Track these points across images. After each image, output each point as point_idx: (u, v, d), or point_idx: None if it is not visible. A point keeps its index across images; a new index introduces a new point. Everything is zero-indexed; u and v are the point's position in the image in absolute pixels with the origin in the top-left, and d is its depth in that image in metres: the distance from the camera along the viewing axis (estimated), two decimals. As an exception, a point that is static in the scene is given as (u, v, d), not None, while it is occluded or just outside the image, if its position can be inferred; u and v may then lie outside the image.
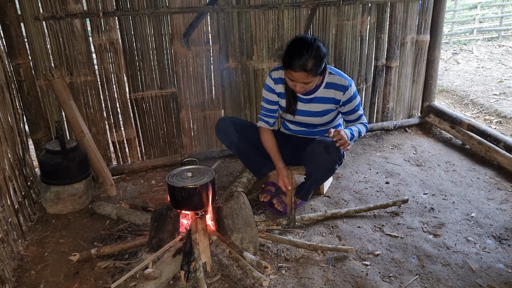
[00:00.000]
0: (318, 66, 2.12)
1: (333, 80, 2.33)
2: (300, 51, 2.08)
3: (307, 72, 2.10)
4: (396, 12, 3.36)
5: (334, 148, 2.20)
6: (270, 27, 3.06)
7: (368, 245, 2.25)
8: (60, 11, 2.57)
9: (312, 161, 2.30)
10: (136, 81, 2.91)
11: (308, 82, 2.16)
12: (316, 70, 2.12)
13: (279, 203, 2.51)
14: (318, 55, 2.11)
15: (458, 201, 2.66)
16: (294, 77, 2.14)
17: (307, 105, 2.40)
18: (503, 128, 3.93)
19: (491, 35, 7.84)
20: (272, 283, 1.96)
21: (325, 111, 2.40)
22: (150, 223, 2.11)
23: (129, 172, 3.08)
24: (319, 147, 2.25)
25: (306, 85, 2.18)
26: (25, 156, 2.64)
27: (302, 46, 2.09)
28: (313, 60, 2.09)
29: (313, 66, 2.09)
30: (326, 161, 2.26)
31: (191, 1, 2.82)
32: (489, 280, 2.01)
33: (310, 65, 2.08)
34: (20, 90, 2.62)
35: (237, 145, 2.53)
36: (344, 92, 2.32)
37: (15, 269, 2.09)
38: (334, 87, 2.33)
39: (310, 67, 2.09)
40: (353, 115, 2.42)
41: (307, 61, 2.07)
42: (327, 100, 2.36)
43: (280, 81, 2.39)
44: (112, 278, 2.02)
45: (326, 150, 2.23)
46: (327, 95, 2.35)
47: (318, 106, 2.39)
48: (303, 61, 2.07)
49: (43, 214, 2.59)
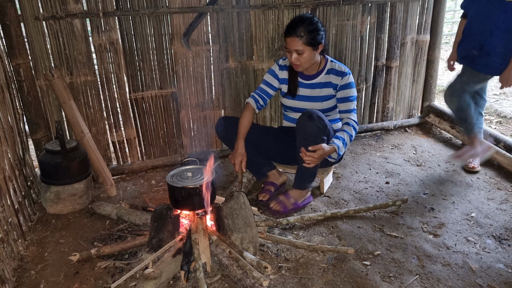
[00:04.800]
0: (310, 34, 2.28)
1: (333, 66, 2.49)
2: (296, 20, 2.31)
3: (298, 37, 2.26)
4: (396, 12, 3.36)
5: (317, 116, 2.32)
6: (270, 27, 3.06)
7: (368, 245, 2.25)
8: (60, 11, 2.57)
9: (299, 132, 2.35)
10: (136, 81, 2.91)
11: (301, 50, 2.29)
12: (307, 38, 2.27)
13: (277, 204, 2.51)
14: (312, 26, 2.28)
15: (458, 201, 2.66)
16: (288, 44, 2.31)
17: (308, 90, 2.52)
18: (503, 128, 3.93)
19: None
20: (272, 283, 1.96)
21: (326, 97, 2.51)
22: (150, 223, 2.11)
23: (129, 172, 3.08)
24: (303, 117, 2.35)
25: (300, 56, 2.32)
26: (25, 156, 2.64)
27: (300, 18, 2.33)
28: (306, 28, 2.26)
29: (305, 33, 2.26)
30: (311, 128, 2.31)
31: (191, 1, 2.82)
32: (489, 280, 2.01)
33: (302, 31, 2.26)
34: (20, 90, 2.62)
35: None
36: (342, 77, 2.45)
37: (15, 269, 2.09)
38: (334, 73, 2.47)
39: (301, 33, 2.26)
40: (345, 104, 2.47)
41: (300, 27, 2.26)
42: (327, 85, 2.49)
43: (285, 68, 2.56)
44: (112, 278, 2.01)
45: (310, 117, 2.33)
46: (328, 80, 2.48)
47: (320, 91, 2.51)
48: (296, 28, 2.27)
49: (43, 214, 2.59)
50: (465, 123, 2.90)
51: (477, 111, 2.97)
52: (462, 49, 2.86)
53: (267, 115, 3.31)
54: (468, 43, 2.80)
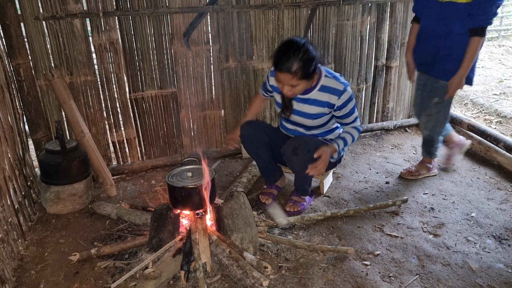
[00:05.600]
0: (304, 69, 2.09)
1: (328, 83, 2.28)
2: (287, 53, 2.07)
3: (292, 74, 2.08)
4: (396, 12, 3.36)
5: (303, 149, 2.27)
6: (270, 27, 3.06)
7: (368, 245, 2.25)
8: (60, 11, 2.57)
9: (287, 161, 2.39)
10: (136, 81, 2.91)
11: (295, 84, 2.14)
12: (302, 73, 2.09)
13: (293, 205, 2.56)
14: (306, 58, 2.08)
15: (458, 201, 2.66)
16: (280, 78, 2.13)
17: (300, 105, 2.37)
18: (503, 128, 3.93)
19: (491, 35, 7.84)
20: (272, 283, 1.96)
21: (318, 115, 2.36)
22: (150, 223, 2.11)
23: (129, 172, 3.08)
24: (288, 149, 2.32)
25: (293, 88, 2.16)
26: (25, 156, 2.64)
27: (290, 48, 2.08)
28: (300, 63, 2.06)
29: (299, 68, 2.07)
30: (296, 162, 2.33)
31: (191, 1, 2.82)
32: (489, 280, 2.01)
33: (296, 67, 2.06)
34: (20, 90, 2.62)
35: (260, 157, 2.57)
36: (339, 96, 2.27)
37: (15, 269, 2.09)
38: (329, 91, 2.27)
39: (295, 69, 2.07)
40: (348, 118, 2.37)
41: (293, 63, 2.06)
42: (321, 104, 2.31)
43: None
44: (112, 278, 2.01)
45: (294, 151, 2.29)
46: (322, 98, 2.30)
47: (312, 108, 2.35)
48: (288, 63, 2.06)
49: (43, 214, 2.59)
50: (435, 141, 2.85)
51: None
52: (418, 56, 2.69)
53: (267, 115, 3.32)
54: (423, 48, 2.63)
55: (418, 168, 2.94)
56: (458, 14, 2.38)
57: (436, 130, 2.75)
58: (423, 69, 2.69)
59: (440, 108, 2.65)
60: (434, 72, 2.59)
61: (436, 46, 2.52)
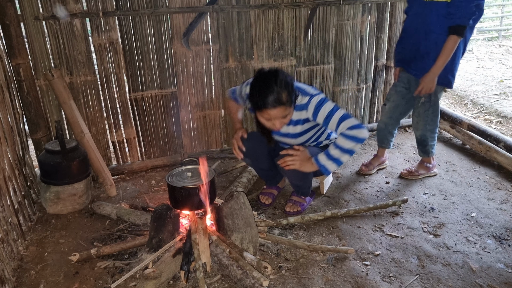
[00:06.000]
0: (291, 94, 2.03)
1: (299, 101, 2.17)
2: (270, 87, 1.96)
3: (284, 105, 2.00)
4: (396, 12, 3.36)
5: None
6: (270, 27, 3.06)
7: (368, 245, 2.24)
8: (59, 11, 2.56)
9: (281, 171, 2.39)
10: (136, 81, 2.91)
11: (286, 114, 2.06)
12: (291, 100, 2.03)
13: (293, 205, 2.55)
14: (288, 83, 2.01)
15: (458, 201, 2.66)
16: (272, 115, 2.02)
17: (284, 127, 2.26)
18: (503, 128, 3.93)
19: (491, 35, 7.85)
20: (272, 283, 1.96)
21: (299, 133, 2.31)
22: (150, 223, 2.11)
23: (129, 172, 3.08)
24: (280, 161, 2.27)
25: (285, 118, 2.07)
26: (25, 156, 2.64)
27: (269, 82, 1.98)
28: (286, 90, 1.98)
29: (288, 96, 2.00)
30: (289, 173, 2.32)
31: (191, 1, 2.82)
32: (489, 280, 2.00)
33: (285, 96, 1.98)
34: (20, 90, 2.62)
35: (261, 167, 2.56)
36: (307, 108, 2.16)
37: (15, 269, 2.09)
38: (301, 108, 2.18)
39: (286, 98, 1.99)
40: (332, 122, 2.13)
41: (281, 93, 1.96)
42: (301, 122, 2.25)
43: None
44: (112, 278, 2.01)
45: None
46: (300, 117, 2.22)
47: (295, 128, 2.28)
48: (277, 96, 1.96)
49: (43, 214, 2.58)
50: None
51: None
52: (398, 52, 2.73)
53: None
54: (404, 46, 2.67)
55: (418, 168, 2.94)
56: (438, 14, 2.43)
57: (427, 128, 2.77)
58: (402, 66, 2.74)
59: (427, 107, 2.69)
60: (412, 70, 2.65)
61: (416, 44, 2.57)
